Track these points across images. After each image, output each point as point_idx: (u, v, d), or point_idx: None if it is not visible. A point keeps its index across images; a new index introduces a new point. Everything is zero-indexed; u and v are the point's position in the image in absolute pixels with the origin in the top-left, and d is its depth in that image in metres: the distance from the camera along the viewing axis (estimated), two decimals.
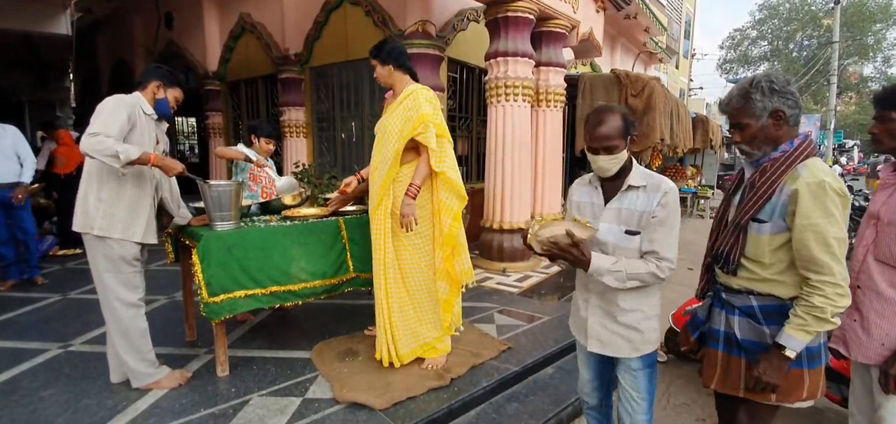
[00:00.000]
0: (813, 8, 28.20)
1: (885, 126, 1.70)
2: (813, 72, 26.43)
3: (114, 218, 2.31)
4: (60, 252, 5.60)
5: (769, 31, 30.76)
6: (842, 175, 15.88)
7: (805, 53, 29.32)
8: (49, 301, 3.91)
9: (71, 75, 13.51)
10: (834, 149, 22.85)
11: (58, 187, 5.67)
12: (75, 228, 2.32)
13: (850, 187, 10.04)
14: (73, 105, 14.28)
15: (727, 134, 18.65)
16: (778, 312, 1.47)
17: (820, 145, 23.25)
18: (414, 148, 2.62)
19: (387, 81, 2.72)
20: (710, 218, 11.18)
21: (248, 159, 3.45)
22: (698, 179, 12.33)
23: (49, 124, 6.31)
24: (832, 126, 21.60)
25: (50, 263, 5.24)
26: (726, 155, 20.04)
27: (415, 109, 2.56)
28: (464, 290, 2.92)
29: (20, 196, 4.18)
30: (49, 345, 3.02)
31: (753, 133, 1.48)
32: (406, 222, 2.59)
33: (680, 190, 10.98)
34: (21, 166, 4.26)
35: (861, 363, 1.74)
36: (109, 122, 2.20)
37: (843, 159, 23.45)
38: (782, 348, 1.42)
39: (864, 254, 1.74)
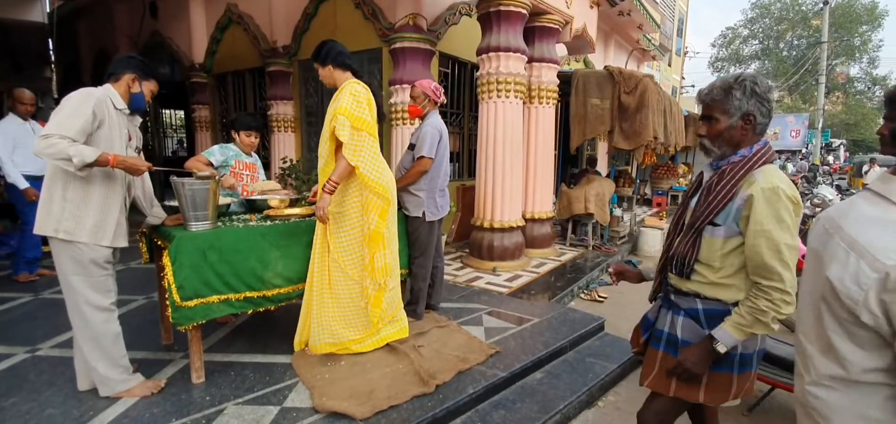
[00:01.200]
0: (803, 8, 28.43)
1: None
2: (802, 71, 26.68)
3: (81, 220, 2.15)
4: None
5: (760, 29, 30.99)
6: (829, 174, 16.02)
7: (795, 52, 29.58)
8: (20, 301, 3.75)
9: (52, 65, 13.19)
10: (822, 148, 23.07)
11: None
12: (38, 231, 2.15)
13: (838, 187, 10.12)
14: (56, 96, 13.95)
15: None
16: (721, 316, 1.48)
17: (808, 144, 23.47)
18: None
19: (330, 83, 2.75)
20: None
21: (210, 165, 3.23)
22: (690, 176, 12.34)
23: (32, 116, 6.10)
24: (820, 125, 21.80)
25: None
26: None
27: (336, 102, 2.58)
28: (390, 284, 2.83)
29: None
30: (15, 349, 2.87)
31: (720, 130, 1.48)
32: (318, 216, 2.60)
33: (671, 188, 10.97)
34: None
35: None
36: (67, 122, 2.04)
37: (831, 158, 23.66)
38: (714, 341, 1.45)
39: None
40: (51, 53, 11.23)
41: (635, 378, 3.29)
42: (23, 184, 4.07)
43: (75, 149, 2.00)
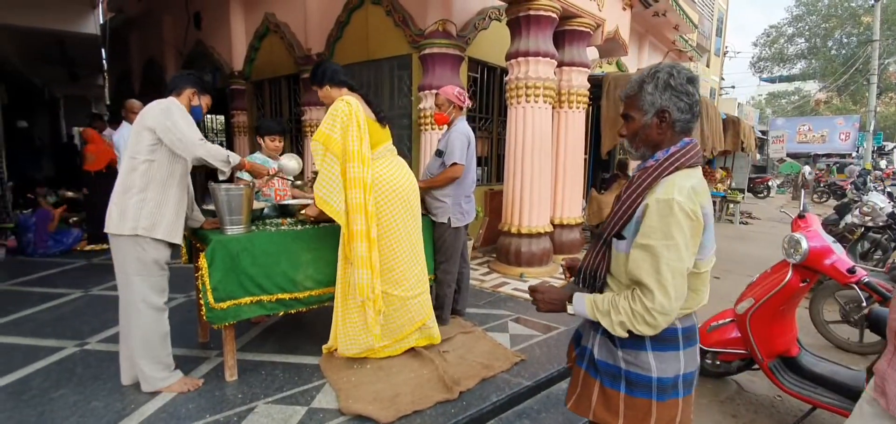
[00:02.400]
0: (852, 5, 26.93)
1: None
2: (852, 71, 25.27)
3: (160, 219, 2.35)
4: (88, 247, 5.75)
5: (806, 28, 29.52)
6: (881, 179, 15.06)
7: (844, 51, 28.04)
8: (71, 297, 4.00)
9: (104, 73, 13.98)
10: (873, 151, 21.77)
11: (88, 183, 5.83)
12: (110, 229, 2.32)
13: (890, 194, 9.52)
14: (108, 102, 14.77)
15: (760, 134, 17.93)
16: (631, 334, 1.32)
17: (859, 147, 22.18)
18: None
19: (329, 100, 2.78)
20: (740, 223, 10.80)
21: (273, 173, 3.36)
22: (728, 182, 11.89)
23: (97, 117, 6.51)
24: (872, 128, 20.59)
25: (76, 257, 5.39)
26: (759, 157, 19.36)
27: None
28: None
29: None
30: (65, 343, 3.07)
31: (635, 129, 1.35)
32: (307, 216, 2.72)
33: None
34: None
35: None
36: (194, 127, 2.35)
37: (883, 163, 22.27)
38: (569, 299, 1.41)
39: None
40: (104, 62, 11.88)
41: None
42: None
43: (231, 153, 2.31)
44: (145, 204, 2.32)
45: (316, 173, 6.00)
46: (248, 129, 8.91)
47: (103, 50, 10.50)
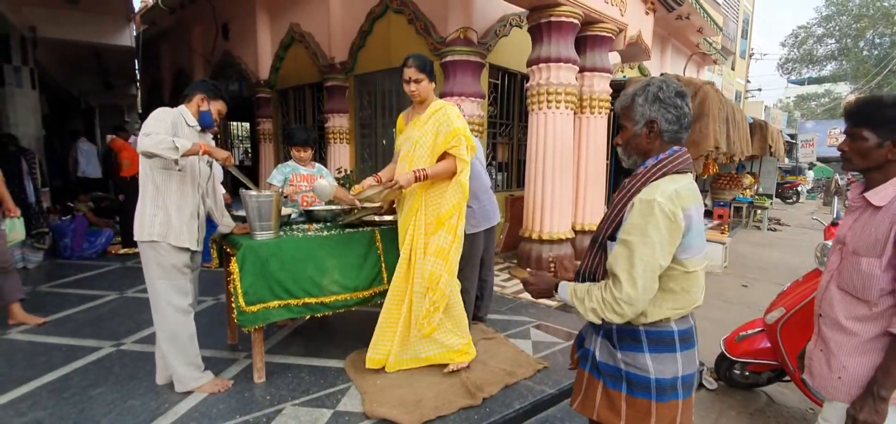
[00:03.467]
0: (885, 4, 25.98)
1: (855, 144, 1.47)
2: (886, 72, 24.35)
3: (171, 225, 2.43)
4: (122, 251, 5.96)
5: (837, 28, 28.58)
6: None
7: (877, 51, 27.04)
8: (107, 299, 4.16)
9: (137, 83, 14.50)
10: None
11: (123, 188, 6.06)
12: (135, 237, 2.44)
13: None
14: (140, 111, 15.31)
15: (789, 138, 17.41)
16: (631, 336, 1.40)
17: None
18: (442, 158, 2.72)
19: (426, 96, 2.78)
20: (768, 230, 10.51)
21: (277, 187, 3.44)
22: (755, 187, 11.59)
23: (119, 128, 6.80)
24: None
25: (111, 261, 5.59)
26: (787, 161, 18.82)
27: (446, 123, 2.66)
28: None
29: None
30: (102, 343, 3.20)
31: (627, 138, 1.45)
32: (397, 184, 2.62)
33: (734, 199, 10.36)
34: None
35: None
36: (158, 125, 2.34)
37: None
38: (556, 288, 1.49)
39: (828, 281, 1.59)
40: (137, 72, 12.32)
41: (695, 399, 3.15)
42: None
43: (177, 139, 2.28)
44: (158, 211, 2.41)
45: (339, 169, 6.05)
46: (273, 136, 9.12)
47: (136, 61, 10.90)
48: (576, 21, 4.84)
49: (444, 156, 2.70)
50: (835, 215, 2.97)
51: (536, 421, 2.60)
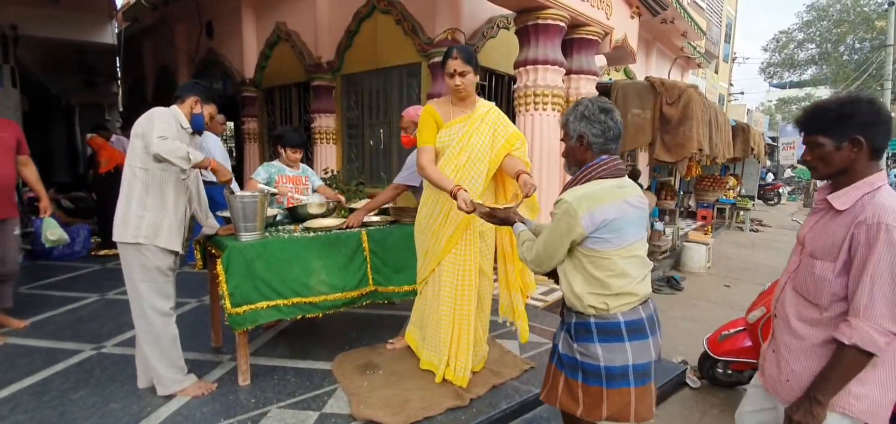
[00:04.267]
0: (866, 9, 26.66)
1: (815, 152, 1.43)
2: (865, 76, 24.98)
3: (160, 227, 2.38)
4: (101, 252, 5.85)
5: (817, 33, 29.23)
6: (894, 186, 14.81)
7: (856, 56, 27.73)
8: (87, 301, 4.08)
9: (118, 81, 14.23)
10: (888, 157, 21.47)
11: (97, 186, 5.94)
12: (116, 238, 2.38)
13: None
14: (121, 110, 15.03)
15: (770, 141, 17.76)
16: (584, 329, 1.61)
17: None
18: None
19: (472, 90, 2.52)
20: (751, 231, 10.70)
21: (264, 188, 3.39)
22: (738, 189, 11.81)
23: (100, 126, 6.68)
24: None
25: (90, 262, 5.49)
26: (769, 163, 19.16)
27: (503, 124, 2.55)
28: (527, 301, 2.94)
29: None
30: (83, 346, 3.13)
31: (566, 151, 1.74)
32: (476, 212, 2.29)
33: (718, 201, 10.53)
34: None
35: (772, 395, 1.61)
36: (167, 128, 2.32)
37: None
38: (514, 223, 1.94)
39: (786, 282, 1.58)
40: (118, 70, 12.10)
41: (676, 399, 3.20)
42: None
43: (191, 150, 2.27)
44: (145, 212, 2.36)
45: (326, 169, 6.02)
46: (258, 135, 9.02)
47: (118, 59, 10.70)
48: (562, 24, 4.88)
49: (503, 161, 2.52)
50: None
51: (523, 421, 2.62)
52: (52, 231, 3.41)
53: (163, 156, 2.22)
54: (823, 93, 31.57)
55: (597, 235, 1.55)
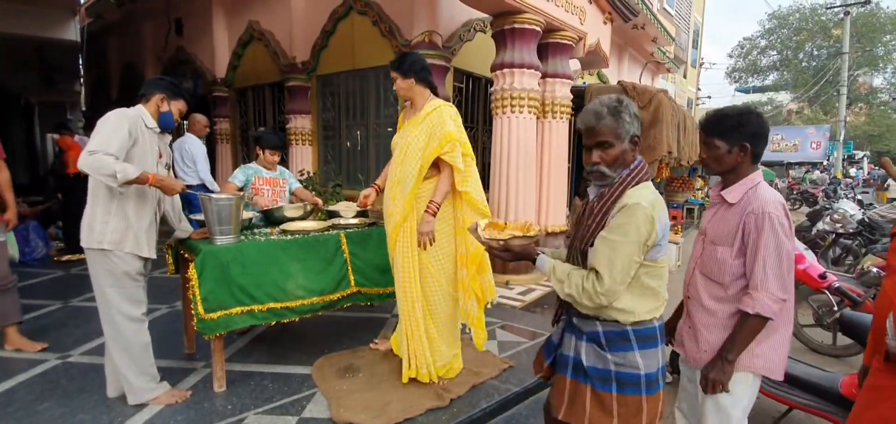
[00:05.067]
0: (823, 18, 27.97)
1: (711, 153, 1.69)
2: (823, 82, 26.19)
3: (126, 232, 2.30)
4: (65, 257, 5.61)
5: (778, 40, 30.52)
6: (852, 187, 15.62)
7: (815, 63, 29.06)
8: (51, 308, 3.91)
9: (81, 79, 13.67)
10: (844, 159, 22.58)
11: (64, 187, 5.69)
12: (83, 243, 2.29)
13: (860, 201, 9.92)
14: (84, 108, 14.43)
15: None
16: (620, 337, 1.48)
17: (830, 156, 22.98)
18: (434, 164, 2.59)
19: (407, 95, 2.66)
20: None
21: (240, 190, 3.36)
22: (706, 190, 12.22)
23: (62, 125, 6.39)
24: (842, 137, 21.36)
25: (53, 268, 5.26)
26: None
27: (439, 126, 2.53)
28: (488, 306, 2.87)
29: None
30: (47, 355, 3.01)
31: (616, 155, 1.47)
32: (423, 240, 2.57)
33: (686, 201, 10.87)
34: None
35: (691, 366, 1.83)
36: (110, 139, 2.18)
37: (853, 171, 23.12)
38: (537, 258, 1.55)
39: (693, 267, 1.80)
40: (81, 68, 11.63)
41: None
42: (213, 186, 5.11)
43: (120, 166, 2.14)
44: (111, 218, 2.27)
45: (302, 171, 5.96)
46: (231, 136, 8.83)
47: (80, 56, 10.29)
48: (538, 28, 4.96)
49: (437, 163, 2.58)
50: None
51: (503, 420, 2.65)
52: (10, 247, 3.13)
53: (87, 172, 2.12)
54: (784, 97, 32.98)
55: (661, 241, 1.45)
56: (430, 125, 2.55)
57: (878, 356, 1.64)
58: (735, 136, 1.62)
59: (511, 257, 1.56)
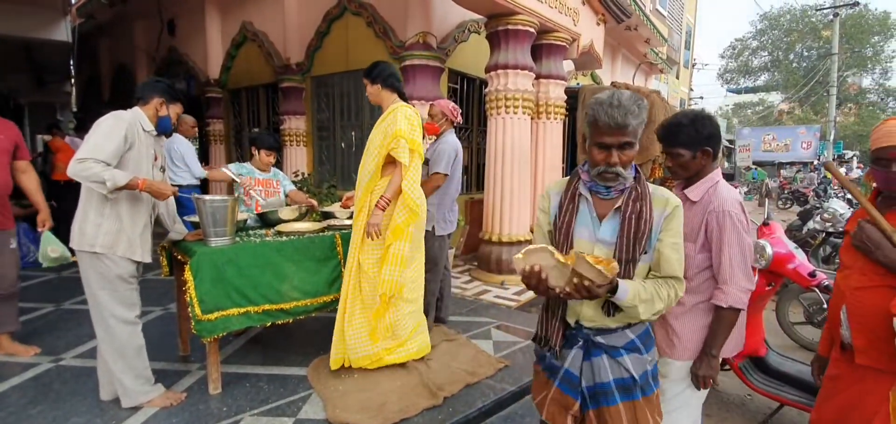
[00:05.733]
0: (813, 20, 28.29)
1: (676, 162, 1.75)
2: (813, 83, 26.48)
3: (119, 235, 2.28)
4: None
5: (769, 41, 30.83)
6: (842, 186, 15.77)
7: (805, 63, 29.37)
8: (43, 311, 3.88)
9: (72, 79, 13.55)
10: (834, 159, 22.83)
11: (56, 194, 5.65)
12: (73, 245, 2.27)
13: (849, 201, 10.03)
14: (75, 109, 14.31)
15: (727, 144, 18.53)
16: (648, 335, 1.49)
17: (819, 156, 23.23)
18: (393, 162, 2.73)
19: (375, 100, 2.89)
20: None
21: (234, 181, 3.37)
22: None
23: (54, 126, 6.33)
24: (832, 137, 21.61)
25: (44, 271, 5.20)
26: (726, 164, 20.05)
27: (392, 124, 2.70)
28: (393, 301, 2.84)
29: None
30: (39, 359, 2.98)
31: (633, 156, 1.37)
32: (370, 231, 2.70)
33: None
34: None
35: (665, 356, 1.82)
36: (102, 144, 2.16)
37: (843, 170, 23.37)
38: (615, 290, 1.31)
39: None
40: (72, 68, 11.53)
41: None
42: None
43: (109, 173, 2.12)
44: (104, 220, 2.26)
45: (296, 172, 5.96)
46: (224, 137, 8.79)
47: (72, 56, 10.21)
48: (532, 30, 4.98)
49: (395, 162, 2.71)
50: (766, 216, 3.23)
51: (498, 419, 2.66)
52: (53, 248, 2.91)
53: (76, 178, 2.11)
54: (775, 98, 33.30)
55: None
56: (386, 124, 2.74)
57: (835, 347, 1.80)
58: (695, 142, 1.69)
59: (595, 295, 1.29)
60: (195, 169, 5.16)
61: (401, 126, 2.66)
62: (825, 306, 3.62)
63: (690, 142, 1.70)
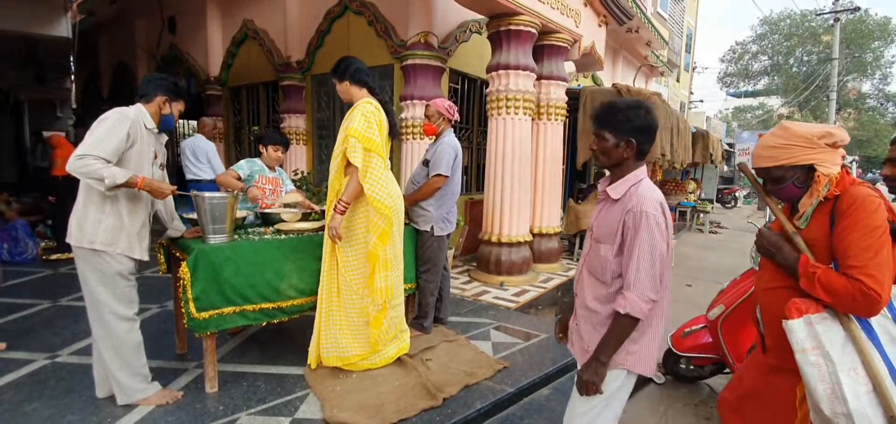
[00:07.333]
0: (813, 24, 28.31)
1: (600, 144, 1.63)
2: (813, 87, 26.49)
3: (119, 233, 2.27)
4: (53, 257, 5.54)
5: (769, 45, 30.84)
6: None
7: (805, 68, 29.40)
8: (39, 308, 3.86)
9: (72, 76, 13.51)
10: (854, 160, 22.80)
11: (55, 189, 5.63)
12: (71, 241, 2.25)
13: None
14: (74, 105, 14.26)
15: (727, 147, 18.53)
16: None
17: None
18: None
19: (346, 98, 2.82)
20: (710, 232, 11.17)
21: (239, 178, 3.35)
22: (698, 193, 12.29)
23: (38, 134, 6.33)
24: None
25: (41, 267, 5.19)
26: (726, 168, 20.03)
27: (349, 122, 2.63)
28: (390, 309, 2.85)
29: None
30: (35, 355, 2.96)
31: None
32: (330, 235, 2.63)
33: (679, 204, 10.94)
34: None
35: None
36: (103, 141, 2.15)
37: None
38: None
39: (582, 265, 1.77)
40: (72, 64, 11.52)
41: (643, 395, 3.30)
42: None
43: (108, 170, 2.11)
44: (104, 217, 2.24)
45: (296, 171, 5.96)
46: (224, 135, 8.77)
47: (72, 53, 10.18)
48: (533, 30, 4.97)
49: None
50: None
51: (496, 420, 2.64)
52: None
53: (74, 174, 2.10)
54: (775, 102, 33.32)
55: None
56: (347, 122, 2.67)
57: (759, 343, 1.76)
58: (622, 129, 1.57)
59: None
60: (218, 168, 5.35)
61: (354, 124, 2.57)
62: None
63: (619, 128, 1.57)
